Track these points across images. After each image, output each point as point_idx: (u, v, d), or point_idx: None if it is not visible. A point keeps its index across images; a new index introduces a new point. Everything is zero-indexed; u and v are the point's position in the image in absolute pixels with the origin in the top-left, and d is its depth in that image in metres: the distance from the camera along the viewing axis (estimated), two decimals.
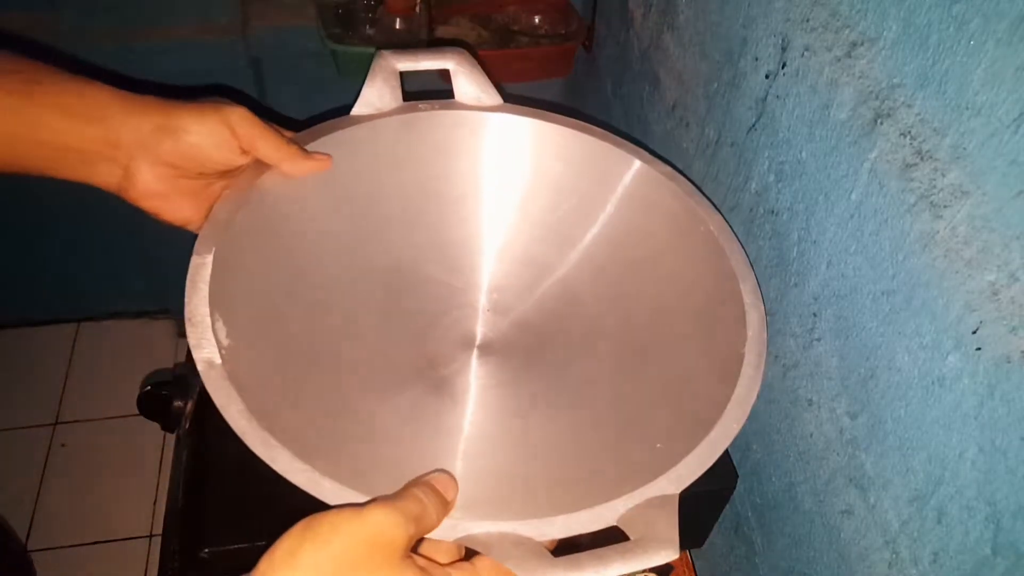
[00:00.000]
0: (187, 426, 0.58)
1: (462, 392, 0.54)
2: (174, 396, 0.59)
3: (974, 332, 0.36)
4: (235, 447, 0.57)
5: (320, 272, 0.54)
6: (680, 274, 0.55)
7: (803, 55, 0.49)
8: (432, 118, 0.58)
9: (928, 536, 0.41)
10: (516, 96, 0.63)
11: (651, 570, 0.66)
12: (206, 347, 0.42)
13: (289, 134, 0.53)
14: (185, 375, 0.60)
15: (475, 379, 0.55)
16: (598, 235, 0.59)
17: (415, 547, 0.38)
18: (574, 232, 0.60)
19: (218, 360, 0.42)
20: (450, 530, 0.37)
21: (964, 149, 0.36)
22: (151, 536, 1.36)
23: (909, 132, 0.39)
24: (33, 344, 1.62)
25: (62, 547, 1.34)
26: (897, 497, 0.44)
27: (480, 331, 0.58)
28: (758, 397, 0.45)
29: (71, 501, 1.41)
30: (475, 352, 0.56)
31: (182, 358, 1.60)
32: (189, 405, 0.59)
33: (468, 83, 0.59)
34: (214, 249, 0.46)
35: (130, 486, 1.42)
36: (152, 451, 1.45)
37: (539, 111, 0.60)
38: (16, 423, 1.51)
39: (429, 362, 0.55)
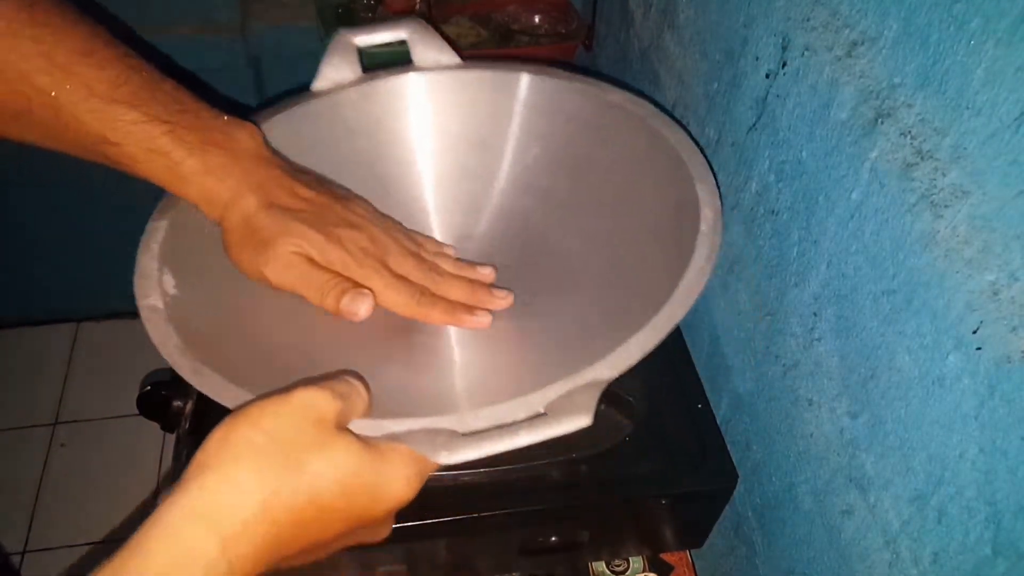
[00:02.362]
0: (187, 426, 0.58)
1: (431, 333, 0.54)
2: (174, 396, 0.59)
3: (974, 332, 0.36)
4: None
5: None
6: (636, 184, 0.56)
7: (803, 55, 0.49)
8: (387, 85, 0.60)
9: (928, 536, 0.41)
10: (480, 56, 0.65)
11: (651, 570, 0.66)
12: (151, 296, 0.43)
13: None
14: None
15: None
16: (556, 167, 0.61)
17: None
18: (523, 170, 0.61)
19: (161, 305, 0.43)
20: (373, 428, 0.37)
21: (965, 149, 0.36)
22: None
23: (909, 132, 0.39)
24: (33, 344, 1.62)
25: (62, 547, 1.34)
26: (897, 497, 0.43)
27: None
28: (704, 290, 0.45)
29: (71, 501, 1.41)
30: None
31: None
32: (189, 405, 0.59)
33: (426, 49, 0.61)
34: (169, 215, 0.48)
35: (130, 486, 1.42)
36: (152, 451, 1.45)
37: (500, 63, 0.62)
38: (16, 423, 1.51)
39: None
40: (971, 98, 0.35)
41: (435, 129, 0.62)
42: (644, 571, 0.66)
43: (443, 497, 0.54)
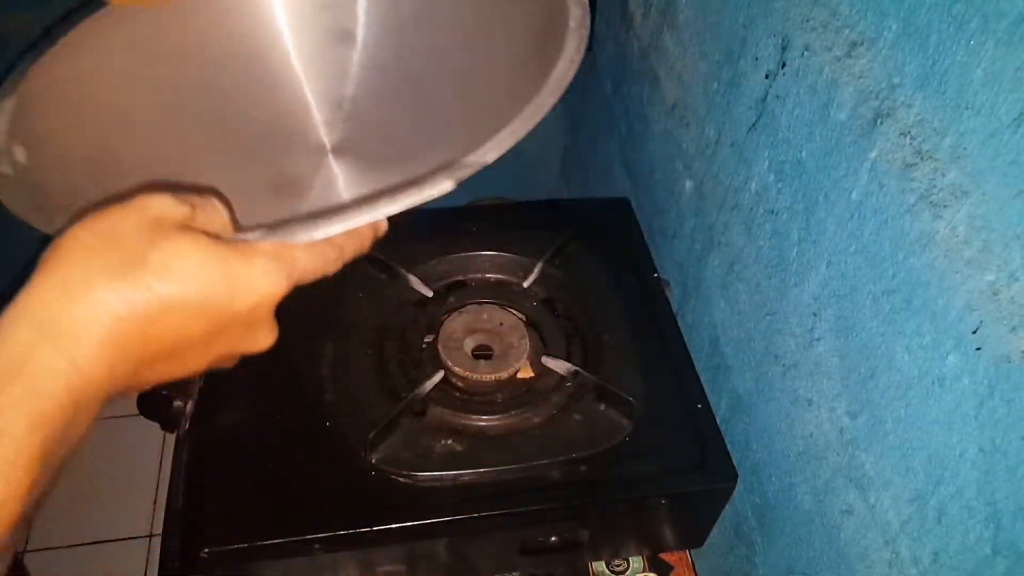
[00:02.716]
0: (187, 426, 0.58)
1: (321, 192, 0.54)
2: (174, 396, 0.59)
3: (974, 332, 0.36)
4: (235, 447, 0.57)
5: (148, 115, 0.53)
6: (504, 7, 0.55)
7: (803, 55, 0.49)
8: None
9: (928, 536, 0.41)
10: None
11: (651, 570, 0.66)
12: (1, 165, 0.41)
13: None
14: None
15: (336, 177, 0.56)
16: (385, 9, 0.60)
17: None
18: (382, 15, 0.60)
19: (11, 172, 0.41)
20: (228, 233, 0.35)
21: (964, 149, 0.36)
22: (151, 536, 1.36)
23: (909, 132, 0.39)
24: None
25: (62, 547, 1.34)
26: (897, 497, 0.44)
27: (327, 139, 0.58)
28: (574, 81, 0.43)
29: (71, 501, 1.41)
30: (330, 157, 0.57)
31: None
32: (189, 405, 0.59)
33: None
34: (15, 95, 0.46)
35: (130, 486, 1.41)
36: (152, 451, 1.45)
37: None
38: None
39: (287, 178, 0.55)
40: (970, 98, 0.35)
41: (282, 6, 0.61)
42: (644, 571, 0.66)
43: (443, 497, 0.54)
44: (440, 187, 0.35)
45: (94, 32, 0.52)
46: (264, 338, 0.36)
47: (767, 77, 0.54)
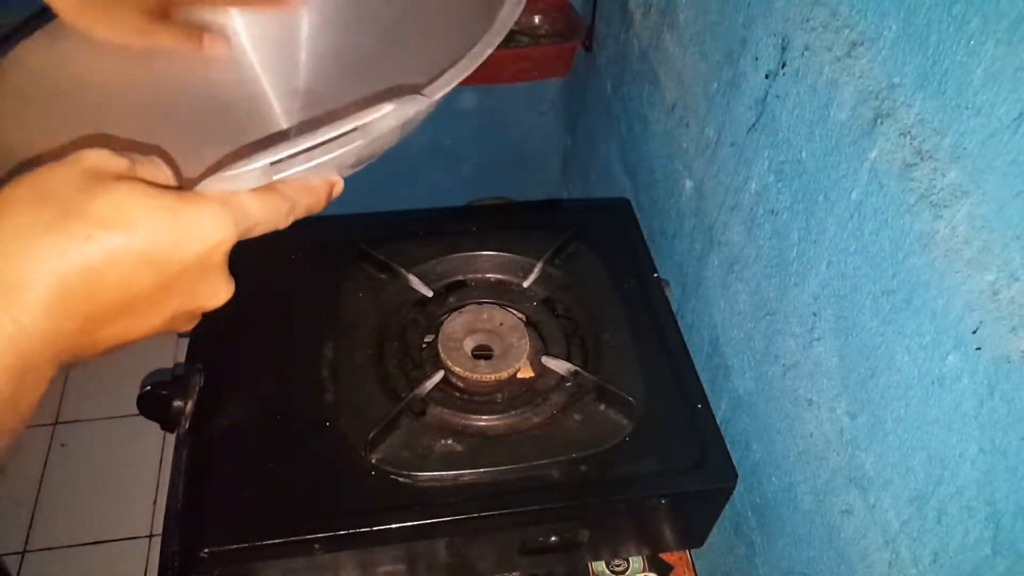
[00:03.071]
0: (187, 426, 0.58)
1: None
2: (174, 396, 0.59)
3: (974, 332, 0.36)
4: (235, 446, 0.57)
5: (108, 118, 0.52)
6: None
7: (803, 55, 0.49)
8: None
9: (928, 536, 0.41)
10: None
11: (651, 570, 0.66)
12: None
13: None
14: (185, 375, 0.60)
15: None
16: None
17: None
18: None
19: None
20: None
21: (964, 149, 0.36)
22: (151, 536, 1.36)
23: (909, 132, 0.39)
24: None
25: (62, 547, 1.34)
26: (897, 497, 0.44)
27: (290, 122, 0.58)
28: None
29: (71, 501, 1.41)
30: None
31: (182, 359, 1.60)
32: (189, 405, 0.59)
33: None
34: None
35: (130, 486, 1.41)
36: (152, 451, 1.45)
37: None
38: None
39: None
40: (970, 98, 0.35)
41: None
42: (644, 571, 0.66)
43: (443, 497, 0.54)
44: (382, 111, 0.33)
45: (46, 41, 0.51)
46: (220, 291, 0.34)
47: (767, 77, 0.54)
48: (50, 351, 0.29)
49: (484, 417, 0.60)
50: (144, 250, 0.30)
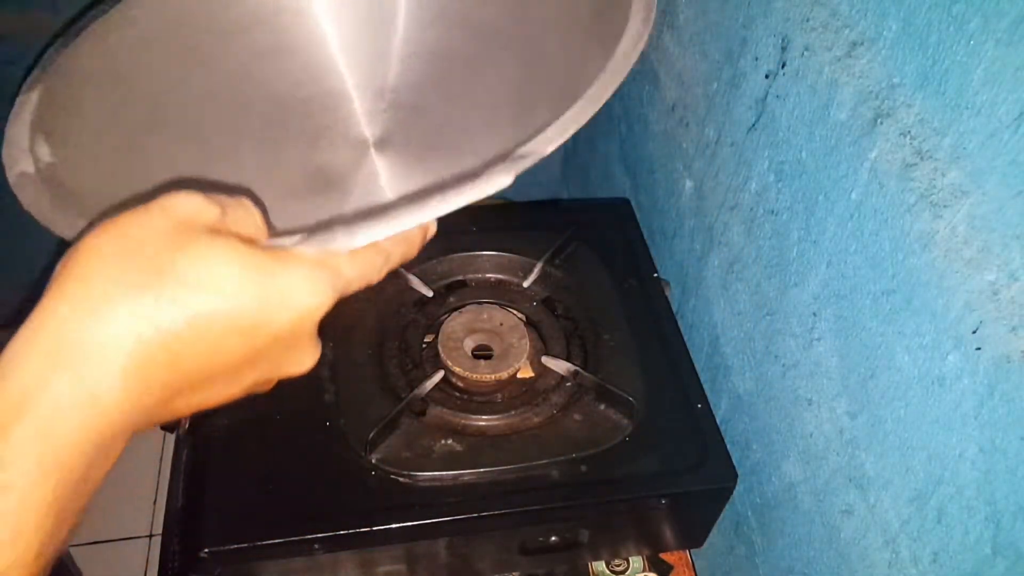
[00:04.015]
0: (187, 426, 0.58)
1: (362, 190, 0.51)
2: None
3: (974, 332, 0.36)
4: (235, 446, 0.57)
5: (183, 108, 0.50)
6: None
7: (803, 55, 0.49)
8: None
9: (928, 536, 0.41)
10: None
11: (651, 570, 0.66)
12: (22, 162, 0.38)
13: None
14: None
15: (378, 173, 0.52)
16: None
17: None
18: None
19: (32, 171, 0.37)
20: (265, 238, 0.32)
21: (964, 149, 0.36)
22: (151, 536, 1.36)
23: (909, 132, 0.39)
24: None
25: None
26: (897, 497, 0.44)
27: (369, 131, 0.54)
28: (642, 56, 0.40)
29: None
30: (371, 151, 0.53)
31: None
32: None
33: None
34: (40, 87, 0.43)
35: (130, 486, 1.41)
36: (152, 451, 1.45)
37: None
38: None
39: (320, 171, 0.52)
40: (970, 98, 0.35)
41: None
42: (644, 571, 0.66)
43: (443, 497, 0.54)
44: (497, 182, 0.31)
45: (123, 21, 0.49)
46: (307, 359, 0.32)
47: (767, 77, 0.54)
48: (125, 426, 0.27)
49: (484, 417, 0.60)
50: (234, 318, 0.27)
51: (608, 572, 0.65)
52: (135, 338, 0.26)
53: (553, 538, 0.59)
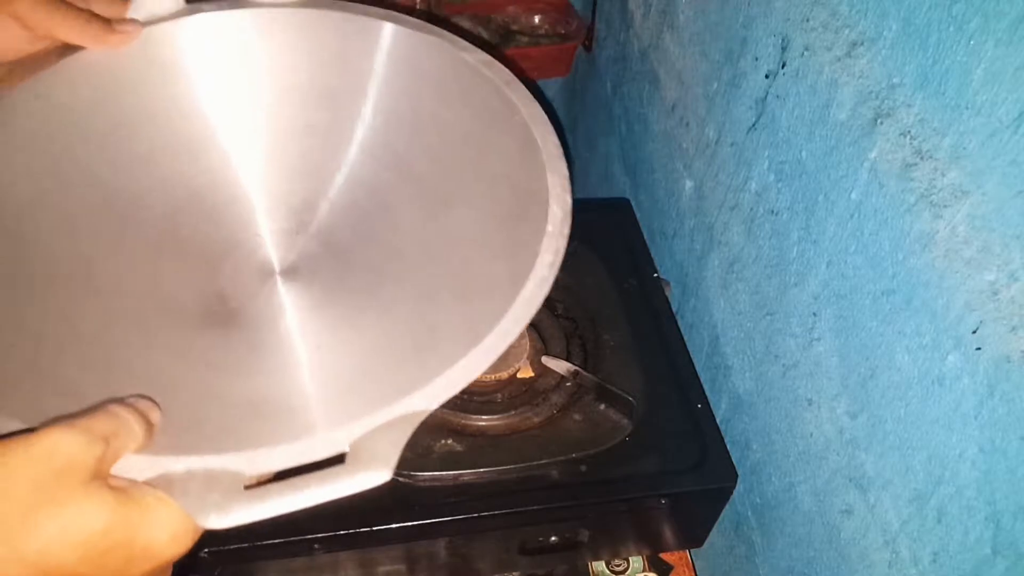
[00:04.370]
0: None
1: (257, 327, 0.48)
2: None
3: (974, 332, 0.36)
4: None
5: (70, 205, 0.47)
6: (489, 168, 0.49)
7: (803, 55, 0.49)
8: (215, 20, 0.51)
9: (928, 536, 0.41)
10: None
11: (651, 570, 0.66)
12: None
13: (100, 1, 0.47)
14: None
15: (279, 309, 0.49)
16: (407, 132, 0.53)
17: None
18: (374, 133, 0.53)
19: None
20: (148, 466, 0.31)
21: (964, 149, 0.36)
22: None
23: (909, 132, 0.39)
24: None
25: None
26: (897, 497, 0.44)
27: (278, 256, 0.51)
28: (544, 300, 0.39)
29: None
30: (277, 280, 0.50)
31: None
32: None
33: None
34: None
35: None
36: None
37: (342, 3, 0.53)
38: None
39: (220, 299, 0.49)
40: (970, 98, 0.35)
41: (274, 78, 0.53)
42: (644, 571, 0.66)
43: (443, 497, 0.54)
44: (376, 478, 0.32)
45: (32, 92, 0.45)
46: None
47: (767, 77, 0.54)
48: None
49: (484, 417, 0.60)
50: (94, 573, 0.28)
51: (608, 572, 0.65)
52: None
53: (553, 538, 0.59)
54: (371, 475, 0.32)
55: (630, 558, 0.66)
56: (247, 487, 0.31)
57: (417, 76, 0.52)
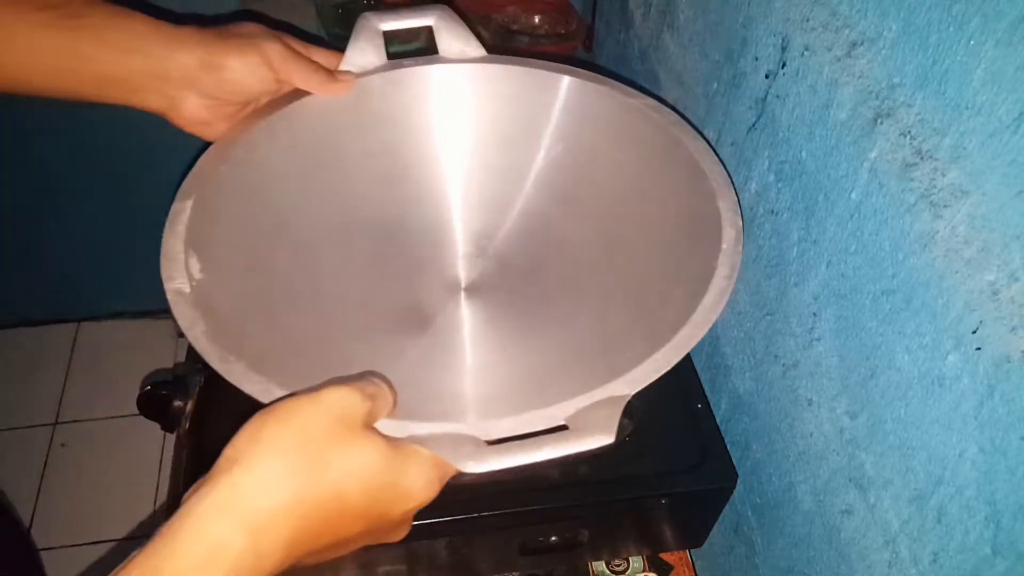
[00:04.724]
0: (187, 426, 0.58)
1: (449, 333, 0.55)
2: (174, 396, 0.59)
3: (974, 332, 0.36)
4: None
5: (305, 223, 0.56)
6: (657, 198, 0.56)
7: (803, 55, 0.49)
8: (415, 74, 0.60)
9: (928, 536, 0.41)
10: (502, 48, 0.64)
11: (651, 570, 0.66)
12: (177, 278, 0.44)
13: (320, 54, 0.57)
14: (185, 375, 0.60)
15: (464, 320, 0.56)
16: (579, 170, 0.60)
17: None
18: (549, 172, 0.61)
19: (187, 289, 0.43)
20: (397, 429, 0.37)
21: (964, 149, 0.36)
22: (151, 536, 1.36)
23: (909, 132, 0.39)
24: (33, 344, 1.62)
25: (62, 547, 1.34)
26: (897, 497, 0.44)
27: (464, 275, 0.59)
28: (726, 309, 0.45)
29: (71, 501, 1.41)
30: (462, 295, 0.58)
31: (182, 358, 1.60)
32: (189, 405, 0.59)
33: (451, 38, 0.60)
34: (193, 197, 0.48)
35: (130, 486, 1.42)
36: (152, 451, 1.45)
37: (523, 59, 0.61)
38: (16, 423, 1.51)
39: (417, 308, 0.57)
40: (971, 98, 0.35)
41: (463, 123, 0.62)
42: (644, 571, 0.66)
43: (443, 497, 0.54)
44: (601, 439, 0.37)
45: (268, 134, 0.54)
46: (402, 534, 0.39)
47: (767, 77, 0.54)
48: None
49: None
50: (369, 507, 0.34)
51: (608, 572, 0.65)
52: (299, 516, 0.32)
53: (553, 538, 0.59)
54: (597, 438, 0.36)
55: (630, 558, 0.66)
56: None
57: (588, 120, 0.59)
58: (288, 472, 0.32)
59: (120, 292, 1.58)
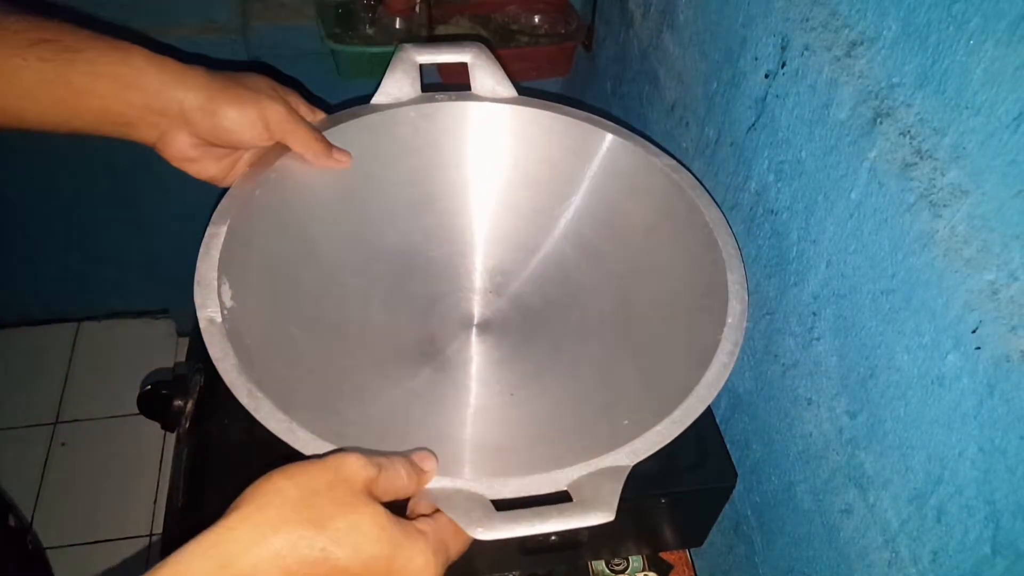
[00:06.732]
0: (187, 426, 0.58)
1: (457, 368, 0.56)
2: (174, 396, 0.59)
3: (974, 331, 0.36)
4: (235, 446, 0.57)
5: (331, 250, 0.56)
6: (670, 260, 0.57)
7: (803, 55, 0.49)
8: (448, 108, 0.61)
9: (928, 535, 0.41)
10: (531, 90, 0.65)
11: (651, 569, 0.66)
12: (210, 306, 0.45)
13: (320, 117, 0.58)
14: (185, 375, 0.60)
15: (472, 356, 0.57)
16: (601, 222, 0.61)
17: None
18: (575, 221, 0.62)
19: (219, 318, 0.44)
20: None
21: (964, 148, 0.36)
22: (151, 536, 1.36)
23: (909, 131, 0.40)
24: (33, 344, 1.62)
25: (62, 547, 1.34)
26: (896, 496, 0.44)
27: (478, 311, 0.60)
28: (727, 383, 0.46)
29: (71, 501, 1.41)
30: (473, 331, 0.59)
31: (182, 358, 1.60)
32: (189, 405, 0.59)
33: (485, 76, 0.62)
34: (228, 221, 0.49)
35: (130, 486, 1.41)
36: (152, 451, 1.45)
37: (552, 104, 0.62)
38: (16, 423, 1.50)
39: (431, 340, 0.57)
40: (970, 98, 0.35)
41: (494, 162, 0.63)
42: (644, 570, 0.66)
43: None
44: (603, 516, 0.38)
45: (299, 156, 0.55)
46: None
47: (767, 77, 0.54)
48: None
49: None
50: (359, 573, 0.34)
51: (608, 572, 0.65)
52: (281, 567, 0.32)
53: (553, 537, 0.59)
54: (598, 515, 0.38)
55: (630, 557, 0.66)
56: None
57: (614, 175, 0.61)
58: (281, 524, 0.33)
59: (120, 292, 1.58)
